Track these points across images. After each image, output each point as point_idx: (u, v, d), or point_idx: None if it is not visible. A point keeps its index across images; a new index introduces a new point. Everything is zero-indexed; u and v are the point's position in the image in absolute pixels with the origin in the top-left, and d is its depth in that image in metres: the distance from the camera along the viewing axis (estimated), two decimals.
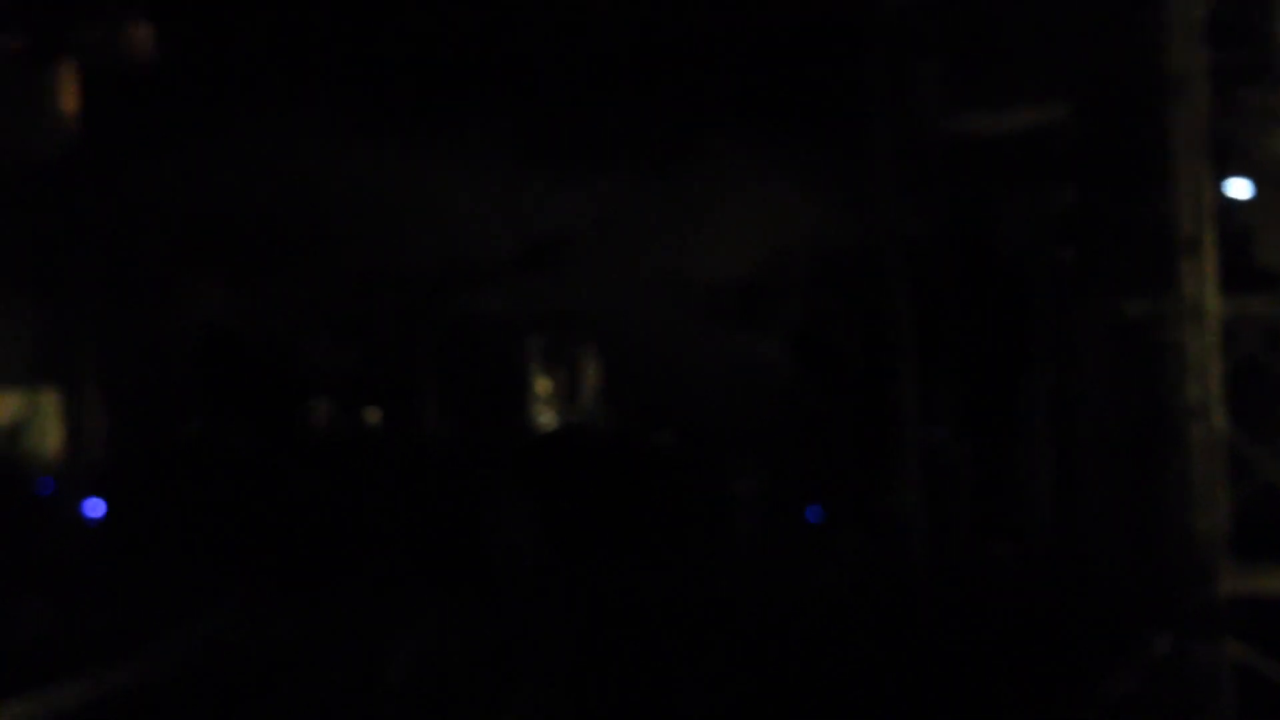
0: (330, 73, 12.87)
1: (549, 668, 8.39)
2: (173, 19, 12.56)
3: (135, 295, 12.68)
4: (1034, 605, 9.40)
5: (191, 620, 9.43)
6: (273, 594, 10.27)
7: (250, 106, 12.77)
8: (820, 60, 12.26)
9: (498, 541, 11.12)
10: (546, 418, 13.03)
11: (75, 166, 12.50)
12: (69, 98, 12.55)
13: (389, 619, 9.48)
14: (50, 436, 12.14)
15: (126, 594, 10.23)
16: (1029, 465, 10.76)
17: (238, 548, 11.00)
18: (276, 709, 7.54)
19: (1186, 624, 8.05)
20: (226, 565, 10.74)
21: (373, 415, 13.06)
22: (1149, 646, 7.89)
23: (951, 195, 11.52)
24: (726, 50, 12.75)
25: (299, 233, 12.95)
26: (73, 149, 12.41)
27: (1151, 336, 9.27)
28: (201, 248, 12.85)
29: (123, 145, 12.69)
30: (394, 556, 10.89)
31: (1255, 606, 8.13)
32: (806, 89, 12.35)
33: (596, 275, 13.10)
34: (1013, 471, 10.85)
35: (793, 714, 7.42)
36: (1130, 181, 9.60)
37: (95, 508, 11.50)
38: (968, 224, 11.52)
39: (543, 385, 13.02)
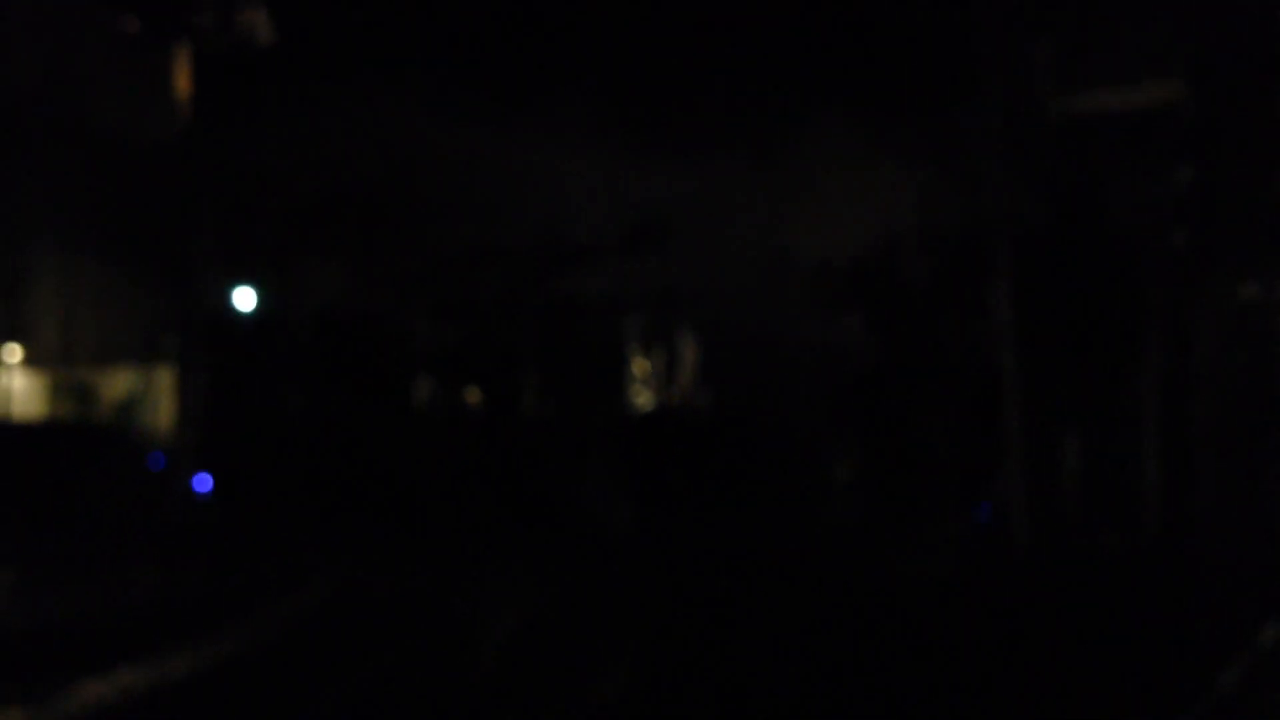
0: (439, 53, 13.02)
1: (644, 637, 8.43)
2: (284, 1, 12.78)
3: (247, 274, 12.95)
4: (1142, 594, 9.21)
5: (293, 590, 9.62)
6: (375, 566, 10.44)
7: (360, 87, 12.97)
8: (929, 40, 12.09)
9: (593, 517, 11.19)
10: (644, 399, 13.05)
11: (189, 147, 12.79)
12: (183, 80, 12.84)
13: (488, 590, 9.58)
14: (163, 412, 12.45)
15: (234, 564, 10.47)
16: (1139, 453, 10.53)
17: (341, 521, 11.21)
18: (378, 677, 7.67)
19: None
20: (330, 538, 10.94)
21: (473, 394, 13.20)
22: (1258, 636, 7.68)
23: (1062, 176, 11.31)
24: (834, 30, 12.64)
25: (405, 212, 13.12)
26: (187, 130, 12.70)
27: (1265, 322, 9.02)
28: (311, 227, 13.09)
29: (236, 126, 12.96)
30: (492, 530, 11.00)
31: None
32: (915, 69, 12.19)
33: (698, 257, 13.09)
34: (1122, 460, 10.62)
35: (883, 693, 7.35)
36: (1246, 163, 9.35)
37: (204, 482, 11.78)
38: (1079, 206, 11.29)
39: (640, 366, 13.04)
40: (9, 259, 12.46)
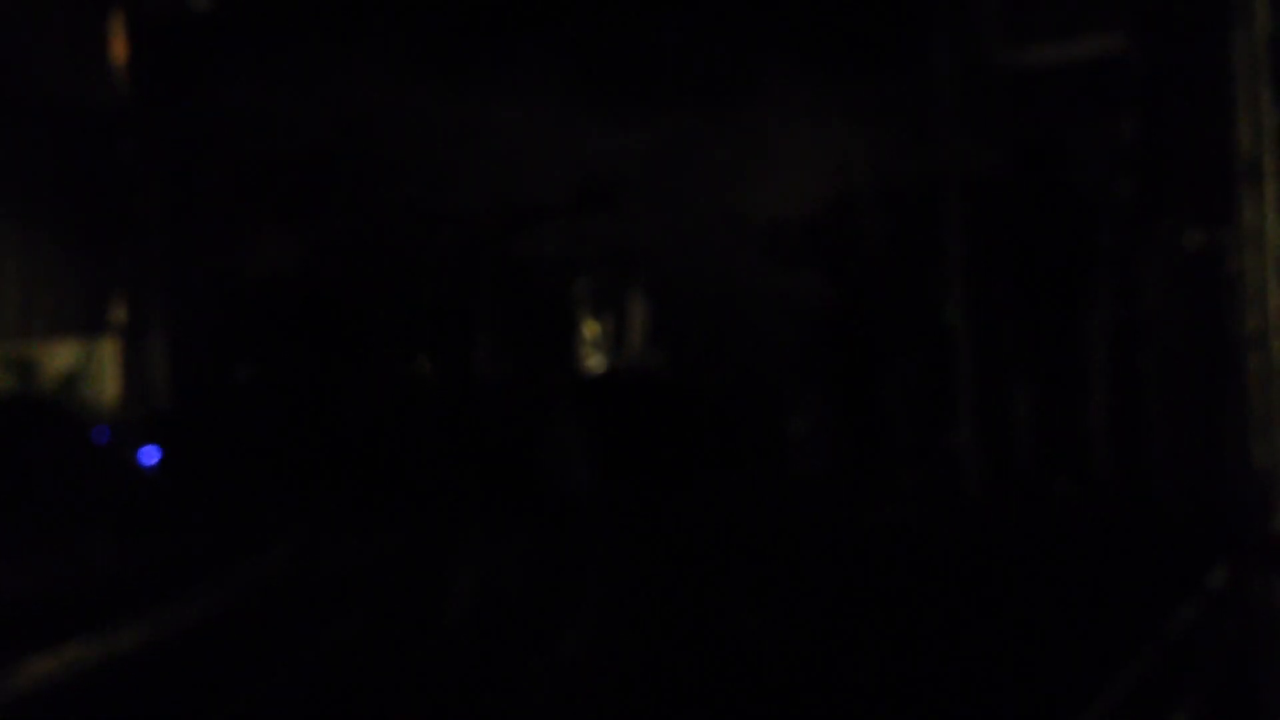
0: (385, 10, 12.86)
1: (605, 597, 8.47)
2: None
3: (191, 240, 12.81)
4: (1093, 541, 9.33)
5: (248, 558, 9.59)
6: (331, 531, 10.42)
7: (303, 44, 12.80)
8: None
9: (550, 479, 11.18)
10: (595, 361, 13.02)
11: (129, 110, 12.60)
12: (119, 44, 12.64)
13: (447, 551, 9.60)
14: (108, 385, 12.33)
15: (184, 535, 10.43)
16: (1089, 399, 10.62)
17: (294, 490, 11.17)
18: (336, 642, 7.67)
19: (1244, 558, 7.94)
20: (283, 506, 10.91)
21: (425, 359, 13.13)
22: (1207, 579, 7.79)
23: (1012, 129, 11.33)
24: None
25: (354, 174, 13.00)
26: (126, 94, 12.51)
27: (1211, 269, 9.12)
28: (257, 189, 12.93)
29: (177, 86, 12.78)
30: (448, 495, 10.99)
31: None
32: (865, 21, 12.16)
33: (651, 215, 13.03)
34: (1073, 408, 10.71)
35: (843, 643, 7.42)
36: (1190, 111, 9.41)
37: (150, 455, 11.70)
38: (1029, 158, 11.33)
39: (591, 329, 13.00)
40: None
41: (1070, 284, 10.93)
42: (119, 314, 12.40)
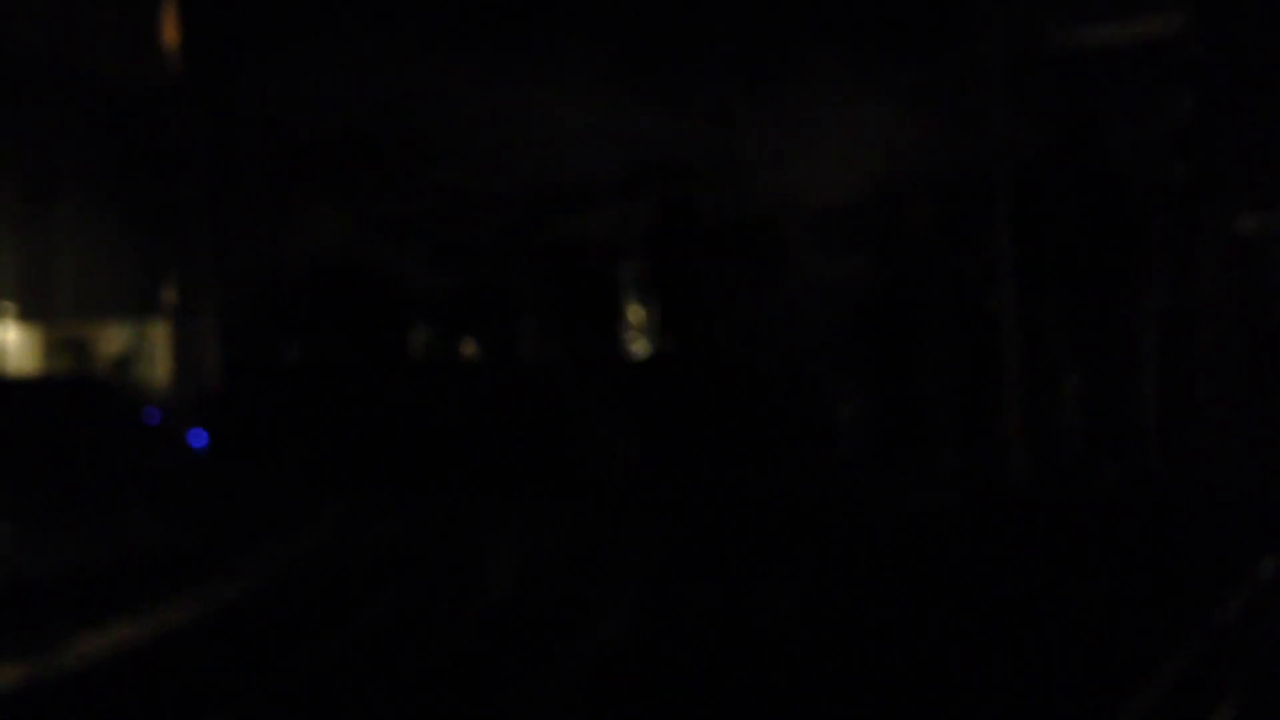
0: None
1: (644, 578, 8.45)
2: None
3: (239, 222, 12.89)
4: (1141, 529, 9.20)
5: (292, 537, 9.65)
6: (376, 511, 10.46)
7: (350, 28, 12.83)
8: None
9: (595, 461, 11.17)
10: (640, 345, 12.98)
11: (180, 96, 12.69)
12: (171, 27, 12.73)
13: (491, 531, 9.61)
14: (159, 366, 12.46)
15: (231, 514, 10.49)
16: (1139, 388, 10.49)
17: (341, 468, 11.21)
18: (383, 617, 7.71)
19: None
20: (329, 485, 10.96)
21: (470, 341, 13.15)
22: (1257, 568, 7.67)
23: (1063, 110, 11.19)
24: None
25: (400, 155, 13.02)
26: (177, 78, 12.60)
27: (1263, 254, 8.96)
28: (305, 171, 12.98)
29: (227, 70, 12.85)
30: (493, 475, 11.01)
31: None
32: (912, 4, 12.03)
33: (698, 200, 12.98)
34: (1123, 395, 10.58)
35: (882, 622, 7.37)
36: (1246, 96, 9.25)
37: (199, 437, 11.79)
38: (1079, 140, 11.18)
39: (635, 313, 12.96)
40: (5, 214, 12.43)
41: (1120, 269, 10.79)
42: (170, 296, 12.53)
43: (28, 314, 12.48)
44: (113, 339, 12.54)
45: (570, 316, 12.93)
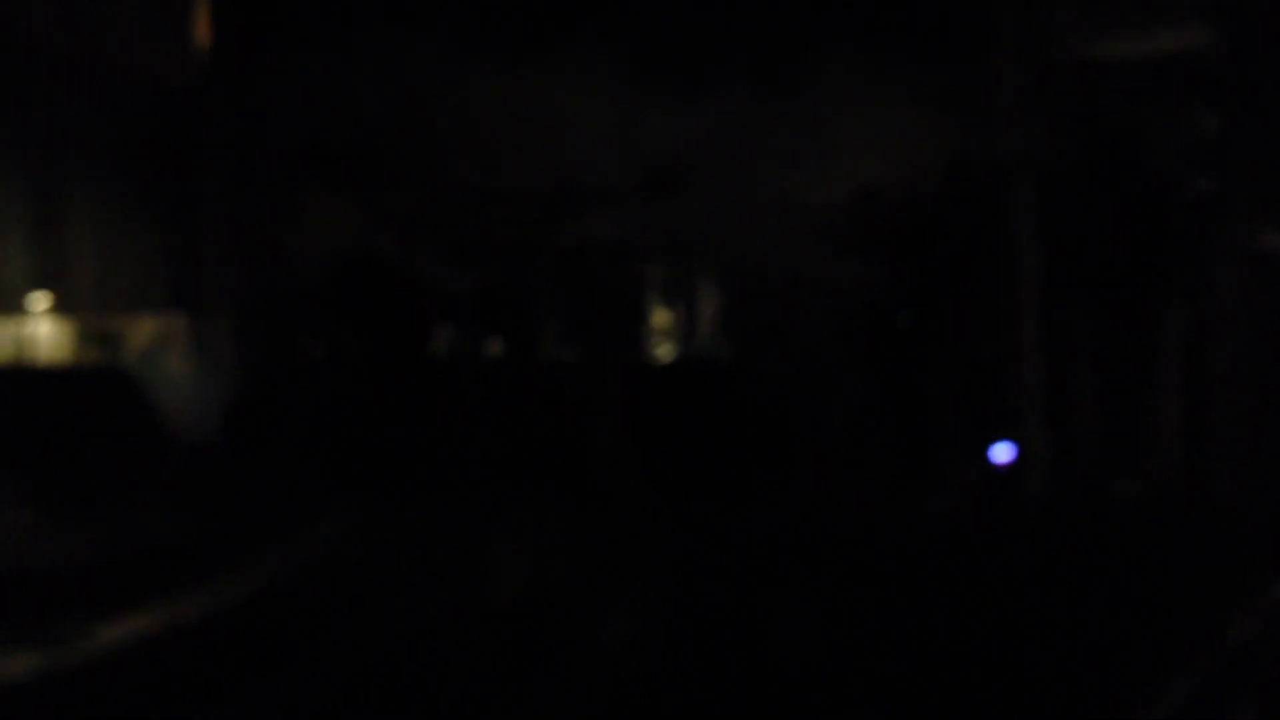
0: None
1: (655, 583, 8.47)
2: None
3: (263, 218, 12.94)
4: (1156, 544, 9.20)
5: (305, 533, 9.70)
6: (386, 511, 10.51)
7: (369, 25, 12.87)
8: None
9: (611, 464, 11.20)
10: (664, 349, 12.99)
11: (205, 91, 12.75)
12: (203, 25, 12.79)
13: (499, 537, 9.64)
14: (181, 360, 12.52)
15: (249, 508, 10.55)
16: (1157, 401, 10.47)
17: (356, 467, 11.27)
18: (388, 621, 7.75)
19: None
20: (343, 483, 11.01)
21: (492, 342, 13.16)
22: (1270, 590, 7.67)
23: (1085, 121, 11.16)
24: None
25: (420, 154, 13.05)
26: (205, 74, 12.66)
27: None
28: (327, 169, 13.03)
29: (250, 67, 12.90)
30: (506, 478, 11.04)
31: None
32: (931, 6, 12.02)
33: (717, 201, 12.99)
34: (1141, 407, 10.56)
35: (895, 637, 7.37)
36: (1271, 111, 9.23)
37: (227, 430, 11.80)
38: (1102, 151, 11.15)
39: (660, 316, 12.96)
40: (37, 205, 12.51)
41: (1141, 281, 10.77)
42: (193, 290, 12.61)
43: (58, 306, 12.58)
44: (142, 330, 12.63)
45: (591, 318, 12.94)
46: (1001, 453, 10.37)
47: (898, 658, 6.97)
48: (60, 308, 12.56)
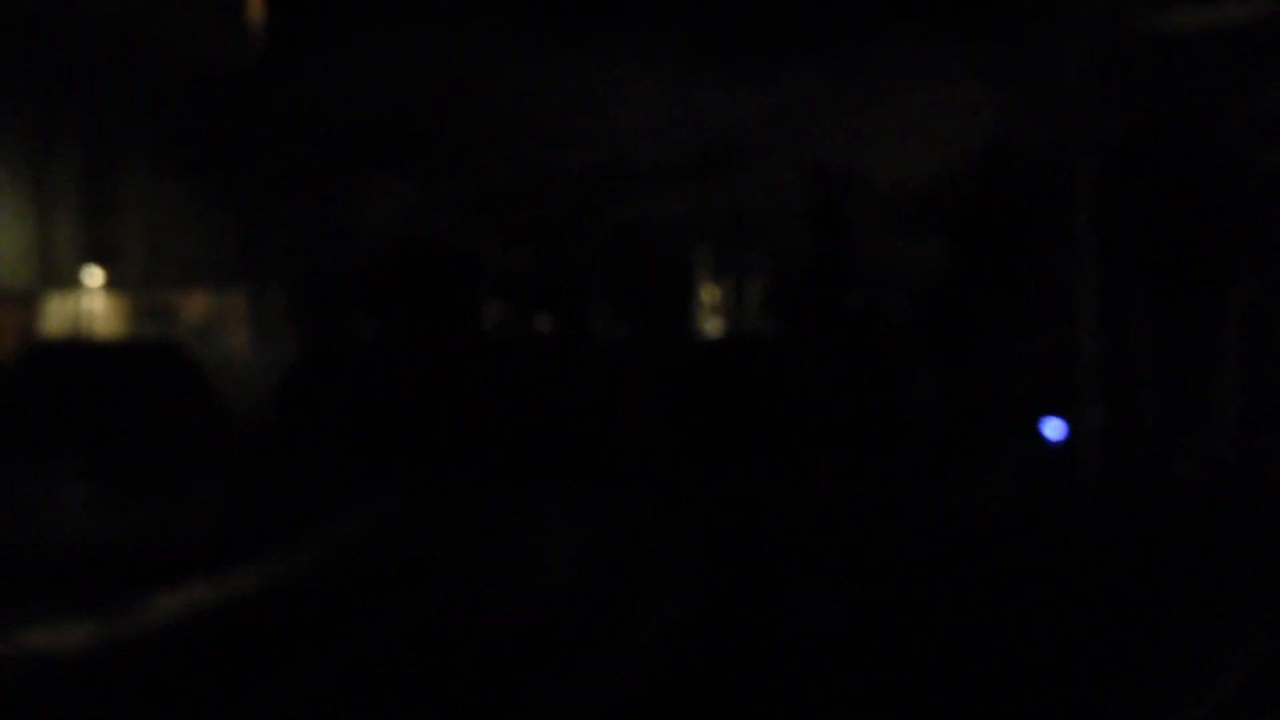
0: None
1: (705, 567, 8.44)
2: None
3: (318, 197, 13.02)
4: (1212, 525, 9.04)
5: (355, 510, 9.76)
6: (441, 489, 10.55)
7: (429, 6, 12.89)
8: None
9: (660, 443, 11.17)
10: (713, 326, 12.96)
11: (261, 71, 12.84)
12: (256, 3, 12.88)
13: (549, 517, 9.65)
14: (238, 337, 12.66)
15: (301, 487, 10.64)
16: (1217, 382, 10.29)
17: (406, 445, 11.31)
18: (436, 600, 7.79)
19: None
20: (393, 461, 11.06)
21: (543, 320, 13.19)
22: None
23: (1149, 97, 10.95)
24: None
25: (475, 134, 13.07)
26: (260, 54, 12.74)
27: None
28: (382, 149, 13.09)
29: (305, 48, 12.97)
30: (558, 456, 11.05)
31: None
32: None
33: (770, 180, 12.90)
34: (1200, 388, 10.39)
35: (937, 620, 7.30)
36: None
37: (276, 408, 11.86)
38: (1167, 126, 10.94)
39: (710, 293, 12.93)
40: (94, 183, 12.66)
41: (1203, 259, 10.57)
42: (249, 267, 12.73)
43: (114, 282, 12.76)
44: (196, 307, 12.78)
45: (644, 296, 12.93)
46: (1054, 429, 10.24)
47: (931, 644, 6.90)
48: (115, 284, 12.74)
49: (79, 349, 12.21)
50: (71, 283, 12.68)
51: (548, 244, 13.11)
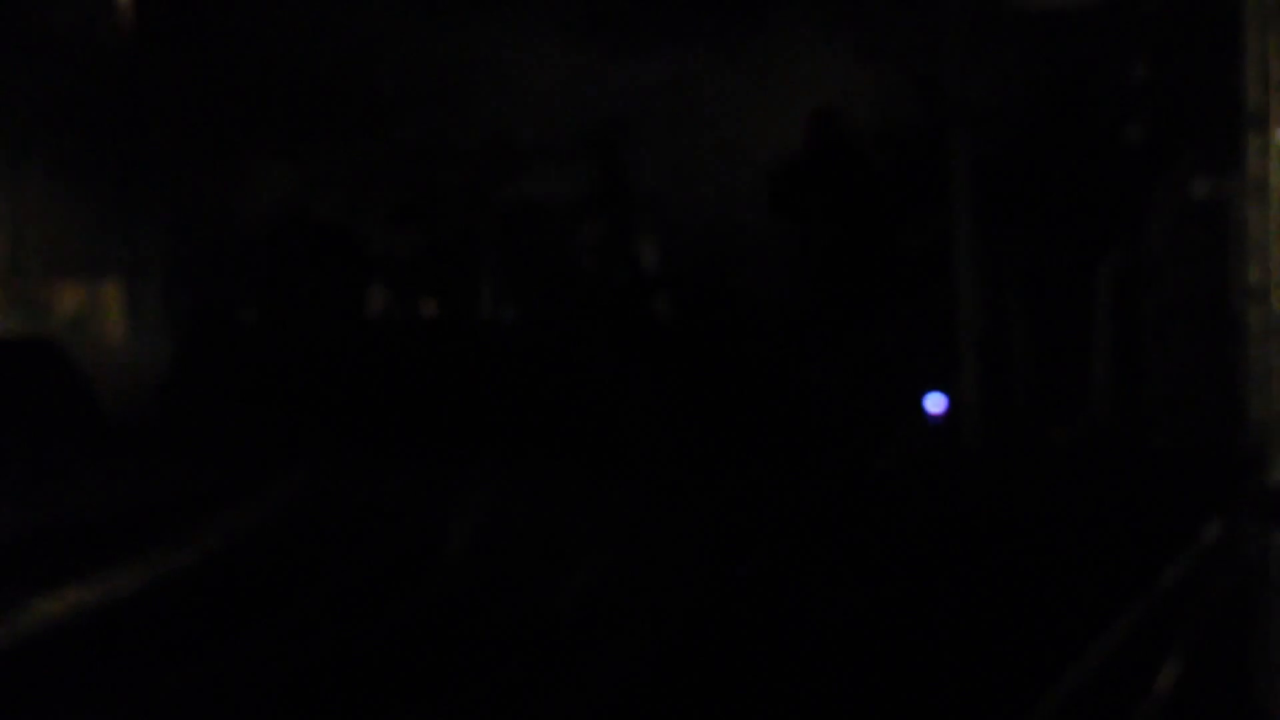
0: None
1: (612, 539, 8.50)
2: None
3: (196, 179, 12.77)
4: (1089, 491, 9.32)
5: (248, 499, 9.67)
6: (328, 473, 10.49)
7: None
8: None
9: (541, 424, 11.20)
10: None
11: (132, 48, 12.52)
12: None
13: (447, 492, 9.65)
14: (113, 327, 12.36)
15: (185, 478, 10.50)
16: (1091, 347, 10.58)
17: (297, 432, 11.22)
18: (334, 582, 7.75)
19: (1238, 511, 7.94)
20: (281, 448, 10.97)
21: (428, 303, 13.11)
22: (1202, 534, 7.80)
23: (1023, 70, 11.18)
24: None
25: (360, 111, 12.90)
26: (131, 30, 12.42)
27: (1218, 218, 9.04)
28: (263, 127, 12.85)
29: (182, 22, 12.67)
30: (450, 437, 11.04)
31: None
32: None
33: (658, 157, 12.94)
34: (1074, 355, 10.67)
35: (830, 586, 7.44)
36: (1199, 57, 9.27)
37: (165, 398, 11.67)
38: (1039, 100, 11.19)
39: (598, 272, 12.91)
40: None
41: (1077, 229, 10.83)
42: (122, 254, 12.42)
43: None
44: (67, 298, 12.43)
45: (531, 277, 12.89)
46: (934, 403, 10.47)
47: (825, 614, 7.01)
48: None
49: None
50: None
51: (433, 224, 12.99)
